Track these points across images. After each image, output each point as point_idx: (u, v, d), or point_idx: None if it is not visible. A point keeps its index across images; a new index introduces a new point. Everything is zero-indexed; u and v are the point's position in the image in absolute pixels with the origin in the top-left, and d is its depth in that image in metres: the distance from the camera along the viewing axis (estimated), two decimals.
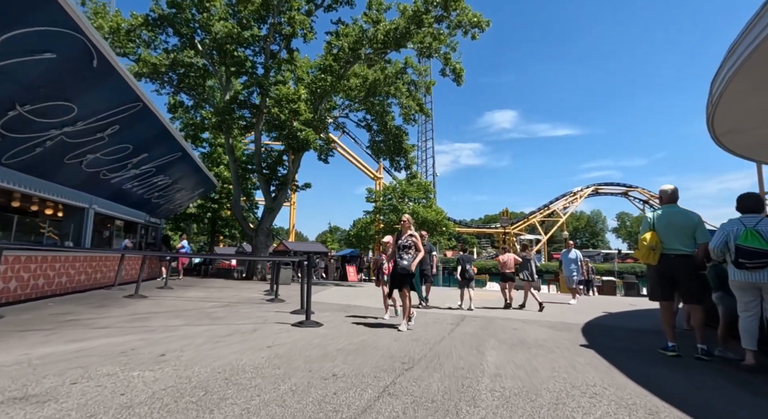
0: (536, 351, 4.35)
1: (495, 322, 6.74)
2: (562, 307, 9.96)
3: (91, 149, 7.78)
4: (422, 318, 7.03)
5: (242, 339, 4.47)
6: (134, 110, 7.48)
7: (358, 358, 3.75)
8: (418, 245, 5.77)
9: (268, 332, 5.03)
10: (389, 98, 21.96)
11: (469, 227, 70.04)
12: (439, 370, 3.43)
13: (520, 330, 5.99)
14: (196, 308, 7.24)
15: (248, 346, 4.11)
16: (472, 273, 9.02)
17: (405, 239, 5.76)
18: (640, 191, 64.82)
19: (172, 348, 3.88)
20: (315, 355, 3.82)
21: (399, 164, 23.38)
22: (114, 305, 7.15)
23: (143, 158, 9.67)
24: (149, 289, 10.37)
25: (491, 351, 4.31)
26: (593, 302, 12.48)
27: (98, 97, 6.68)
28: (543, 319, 7.43)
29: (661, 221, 4.85)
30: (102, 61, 5.89)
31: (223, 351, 3.87)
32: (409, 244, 5.72)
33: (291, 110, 16.13)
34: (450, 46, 19.06)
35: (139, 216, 13.14)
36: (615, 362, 3.93)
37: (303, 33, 17.47)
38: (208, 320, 5.97)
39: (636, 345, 4.96)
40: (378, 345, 4.42)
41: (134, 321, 5.62)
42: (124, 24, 16.48)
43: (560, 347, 4.66)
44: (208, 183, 15.70)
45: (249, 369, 3.24)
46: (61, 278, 8.33)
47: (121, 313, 6.28)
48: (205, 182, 15.15)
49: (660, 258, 4.80)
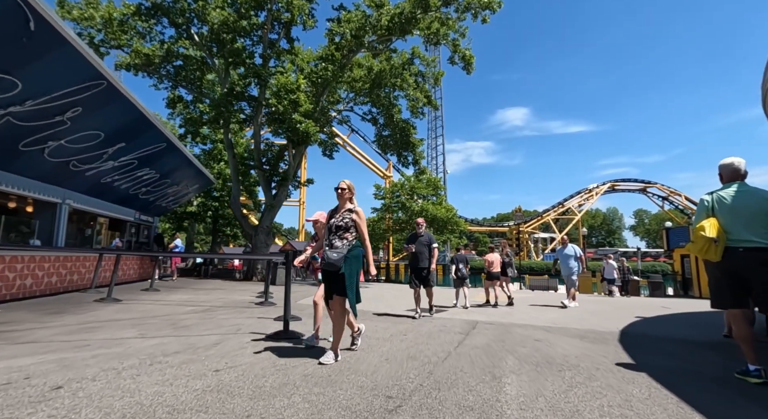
0: (571, 376, 3.28)
1: (512, 331, 5.66)
2: (585, 310, 8.82)
3: (51, 134, 6.90)
4: (427, 325, 6.01)
5: (189, 359, 3.50)
6: (97, 89, 6.58)
7: (328, 390, 2.74)
8: (361, 227, 3.74)
9: (229, 348, 4.04)
10: (396, 90, 20.93)
11: (481, 225, 68.59)
12: (438, 414, 2.40)
13: (544, 341, 4.91)
14: (166, 315, 6.31)
15: (188, 371, 3.13)
16: (465, 273, 9.20)
17: (340, 217, 3.75)
18: (659, 187, 62.60)
19: (81, 376, 2.91)
20: (270, 386, 2.81)
21: (407, 159, 22.35)
22: (71, 312, 6.26)
23: (120, 148, 8.80)
24: (132, 291, 9.53)
25: (511, 376, 3.26)
26: (618, 304, 11.27)
27: (48, 71, 5.79)
28: (569, 326, 6.32)
29: (723, 204, 3.75)
30: (42, 25, 4.99)
31: (148, 379, 2.88)
32: (344, 224, 3.70)
33: (290, 100, 15.20)
34: (459, 31, 17.94)
35: (127, 214, 12.32)
36: (683, 395, 2.84)
37: (302, 20, 16.53)
38: (169, 330, 5.02)
39: (696, 366, 3.84)
40: (360, 367, 3.40)
41: (77, 332, 4.70)
42: (116, 14, 15.73)
43: (601, 368, 3.58)
44: (203, 179, 14.84)
45: (161, 414, 2.25)
46: (24, 281, 7.50)
47: (71, 322, 5.37)
48: (199, 177, 14.29)
49: (724, 253, 3.71)
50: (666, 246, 21.52)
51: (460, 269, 9.13)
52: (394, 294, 11.88)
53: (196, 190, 16.76)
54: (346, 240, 3.66)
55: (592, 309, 9.36)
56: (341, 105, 22.16)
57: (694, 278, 18.04)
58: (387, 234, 28.48)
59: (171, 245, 14.10)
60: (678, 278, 19.70)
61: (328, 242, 3.68)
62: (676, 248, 19.84)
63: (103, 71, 6.44)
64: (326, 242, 3.72)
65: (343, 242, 3.64)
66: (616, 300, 13.20)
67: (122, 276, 11.68)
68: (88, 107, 6.84)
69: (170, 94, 18.85)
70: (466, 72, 18.73)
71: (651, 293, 18.11)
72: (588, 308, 9.69)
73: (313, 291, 12.72)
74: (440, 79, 22.42)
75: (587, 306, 10.12)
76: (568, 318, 7.39)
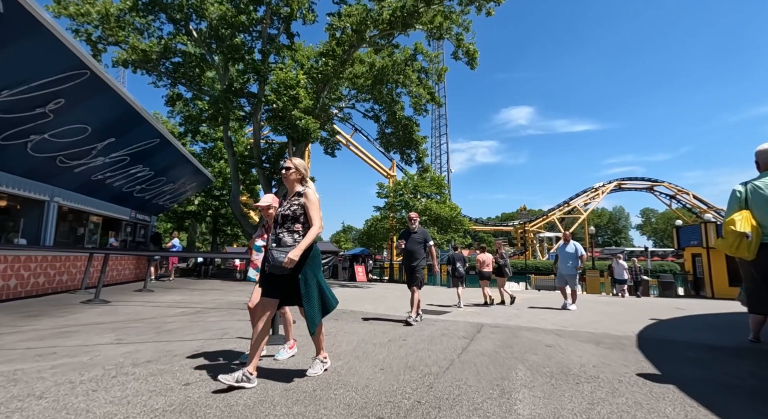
0: (591, 391, 2.87)
1: (520, 335, 5.24)
2: (597, 311, 8.39)
3: (33, 127, 6.56)
4: (428, 328, 5.61)
5: (159, 370, 3.12)
6: (80, 79, 6.23)
7: (310, 410, 2.35)
8: (309, 211, 2.98)
9: (209, 356, 3.66)
10: (398, 87, 20.52)
11: (486, 225, 67.99)
12: None
13: (556, 347, 4.50)
14: (152, 318, 5.95)
15: (154, 385, 2.75)
16: (462, 272, 9.35)
17: (287, 204, 3.05)
18: (667, 185, 61.69)
19: (28, 393, 2.54)
20: (243, 404, 2.43)
21: (410, 157, 21.93)
22: (52, 315, 5.91)
23: (110, 143, 8.47)
24: (124, 292, 9.20)
25: (522, 390, 2.85)
26: (630, 304, 10.81)
27: (23, 58, 5.44)
28: (581, 329, 5.90)
29: (759, 195, 3.34)
30: (13, 7, 4.64)
31: (104, 396, 2.51)
32: (292, 213, 2.97)
33: (290, 96, 14.83)
34: (462, 25, 17.51)
35: (122, 212, 12.01)
36: (725, 415, 2.43)
37: (302, 14, 16.18)
38: (150, 334, 4.66)
39: (728, 376, 3.41)
40: (351, 379, 3.01)
41: (49, 338, 4.34)
42: (112, 9, 15.44)
43: (623, 380, 3.17)
44: (202, 177, 14.51)
45: None
46: (8, 282, 7.17)
47: (46, 326, 5.02)
48: (197, 175, 13.96)
49: (759, 250, 3.31)
50: (677, 245, 20.96)
51: (457, 268, 9.28)
52: (396, 295, 11.49)
53: (195, 188, 16.45)
54: (298, 234, 2.92)
55: (604, 310, 8.93)
56: (342, 102, 21.79)
57: (706, 278, 17.51)
58: (390, 234, 28.07)
59: (168, 245, 13.78)
60: (689, 278, 19.15)
61: (275, 238, 2.94)
62: (687, 247, 19.30)
63: (85, 60, 6.09)
64: (272, 238, 2.98)
65: (294, 236, 2.91)
66: (626, 301, 12.74)
67: (117, 277, 11.37)
68: (71, 99, 6.50)
69: (170, 92, 18.57)
70: (470, 67, 18.31)
71: (661, 293, 17.60)
72: (599, 309, 9.26)
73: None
74: (443, 75, 22.01)
75: (598, 307, 9.69)
76: (578, 320, 6.97)
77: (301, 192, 3.05)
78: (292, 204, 3.00)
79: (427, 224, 24.66)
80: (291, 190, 3.13)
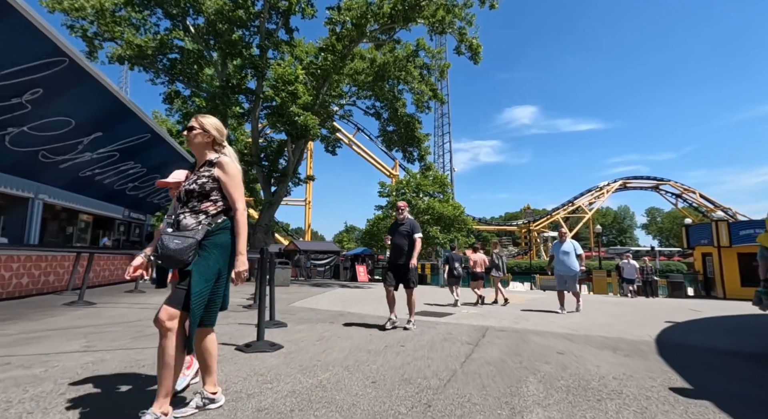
0: (617, 410, 2.45)
1: (528, 340, 4.82)
2: (607, 313, 7.95)
3: (9, 119, 6.21)
4: (429, 332, 5.22)
5: (113, 388, 2.73)
6: (58, 68, 5.87)
7: None
8: (228, 188, 2.21)
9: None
10: (400, 84, 20.12)
11: (489, 224, 67.46)
12: None
13: (569, 354, 4.08)
14: (135, 321, 5.57)
15: (102, 406, 2.36)
16: (461, 271, 9.34)
17: (194, 176, 2.25)
18: (673, 184, 60.97)
19: None
20: None
21: (412, 155, 21.50)
22: (27, 318, 5.55)
23: (97, 138, 8.11)
24: (113, 293, 8.84)
25: (535, 409, 2.44)
26: (641, 305, 10.36)
27: None
28: (593, 334, 5.48)
29: None
30: None
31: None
32: (198, 187, 2.19)
33: (288, 92, 14.46)
34: (465, 19, 17.08)
35: (114, 211, 11.66)
36: None
37: (301, 8, 15.79)
38: (126, 340, 4.28)
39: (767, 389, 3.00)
40: (337, 396, 2.60)
41: (11, 345, 3.96)
42: (107, 3, 15.10)
43: (652, 396, 2.75)
44: None
45: None
46: None
47: (14, 331, 4.65)
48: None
49: None
50: (686, 244, 20.43)
51: (455, 267, 9.24)
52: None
53: None
54: (205, 215, 2.15)
55: (613, 312, 8.50)
56: (343, 99, 21.41)
57: (717, 278, 17.00)
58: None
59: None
60: (699, 278, 18.62)
61: (173, 220, 2.18)
62: (697, 246, 18.78)
63: (63, 47, 5.71)
64: (169, 221, 2.21)
65: (199, 218, 2.14)
66: (636, 301, 12.29)
67: (110, 277, 11.02)
68: (50, 89, 6.14)
69: (168, 90, 18.23)
70: (474, 62, 17.88)
71: (670, 293, 17.09)
72: (608, 310, 8.83)
73: (314, 292, 12.03)
74: (446, 71, 21.58)
75: (606, 308, 9.27)
76: (589, 323, 6.55)
77: (213, 161, 2.25)
78: (200, 177, 2.21)
79: (429, 223, 24.26)
80: (200, 158, 2.33)
